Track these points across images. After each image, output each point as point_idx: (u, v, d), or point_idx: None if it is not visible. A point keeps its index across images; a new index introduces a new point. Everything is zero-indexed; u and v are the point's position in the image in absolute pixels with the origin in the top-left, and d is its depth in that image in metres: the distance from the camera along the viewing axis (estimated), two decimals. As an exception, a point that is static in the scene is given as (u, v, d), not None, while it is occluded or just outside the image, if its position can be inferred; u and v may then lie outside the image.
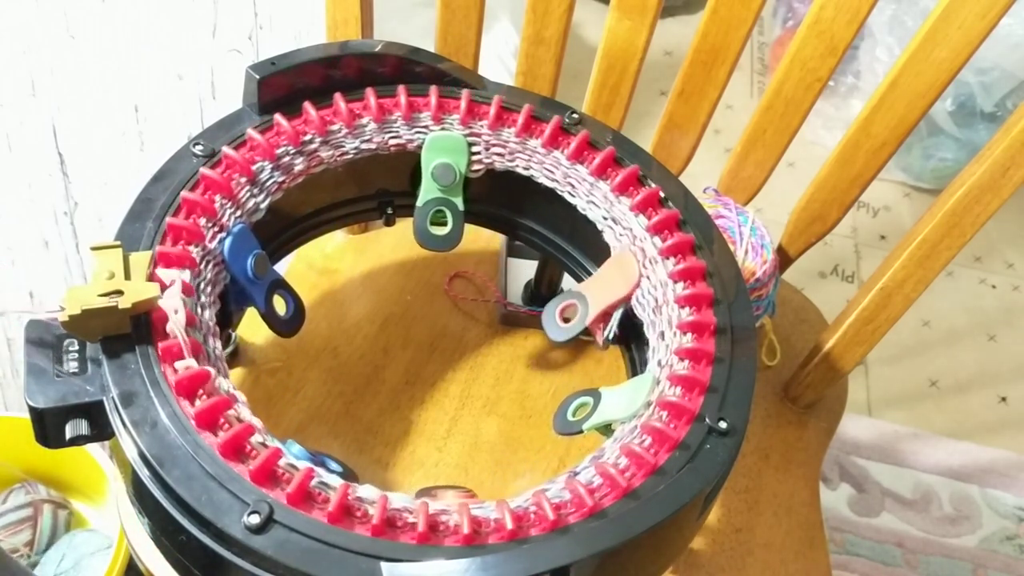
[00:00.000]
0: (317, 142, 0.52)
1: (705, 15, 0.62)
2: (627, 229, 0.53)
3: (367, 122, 0.53)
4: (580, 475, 0.42)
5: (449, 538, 0.38)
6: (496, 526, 0.39)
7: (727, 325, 0.48)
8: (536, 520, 0.39)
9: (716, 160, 0.83)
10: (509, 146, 0.55)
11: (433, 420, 0.62)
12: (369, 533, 0.38)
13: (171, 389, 0.41)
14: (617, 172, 0.54)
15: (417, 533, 0.38)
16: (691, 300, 0.49)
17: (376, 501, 0.39)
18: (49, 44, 0.88)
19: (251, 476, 0.38)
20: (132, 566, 0.83)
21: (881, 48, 1.37)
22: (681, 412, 0.44)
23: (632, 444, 0.43)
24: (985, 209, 0.56)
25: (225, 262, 0.47)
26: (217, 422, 0.40)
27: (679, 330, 0.48)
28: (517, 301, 0.68)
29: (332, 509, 0.38)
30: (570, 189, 0.55)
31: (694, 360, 0.46)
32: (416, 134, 0.54)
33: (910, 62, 0.56)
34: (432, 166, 0.55)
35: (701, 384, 0.45)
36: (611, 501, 0.40)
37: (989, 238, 1.42)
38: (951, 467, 1.14)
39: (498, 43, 1.24)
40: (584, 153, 0.54)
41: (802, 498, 0.63)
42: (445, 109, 0.55)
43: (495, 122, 0.55)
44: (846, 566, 1.04)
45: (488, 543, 0.38)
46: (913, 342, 1.28)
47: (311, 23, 0.90)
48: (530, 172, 0.55)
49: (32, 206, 0.96)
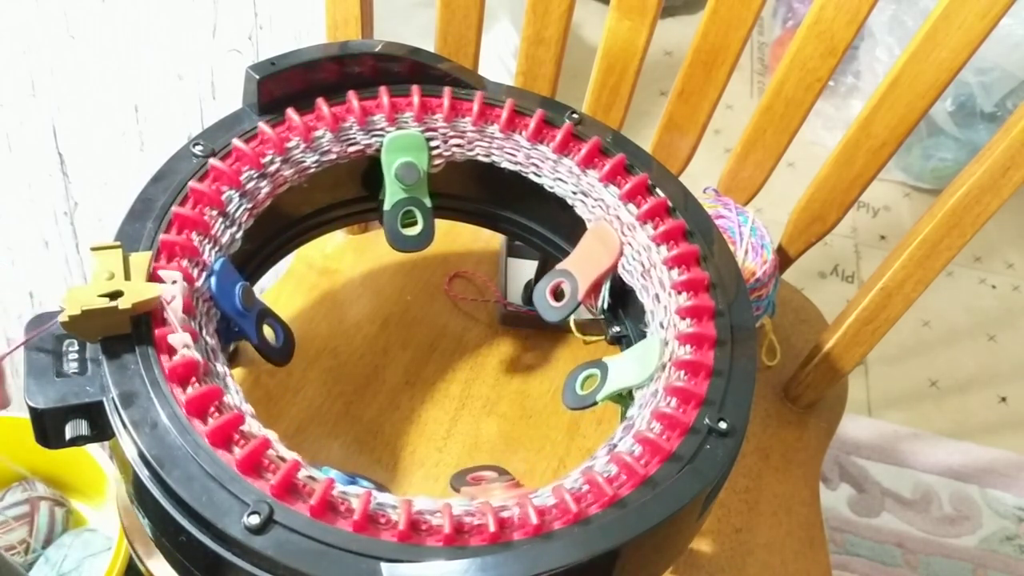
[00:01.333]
0: (278, 161, 0.51)
1: (705, 15, 0.62)
2: (598, 200, 0.53)
3: (322, 134, 0.53)
4: (596, 466, 0.42)
5: (474, 537, 0.38)
6: (519, 522, 0.39)
7: (727, 325, 0.48)
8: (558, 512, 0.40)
9: (716, 160, 0.83)
10: (467, 135, 0.55)
11: (433, 420, 0.62)
12: (396, 539, 0.38)
13: (172, 393, 0.41)
14: (580, 145, 0.54)
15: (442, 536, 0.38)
16: (688, 285, 0.49)
17: (399, 506, 0.39)
18: (49, 44, 0.88)
19: (272, 491, 0.38)
20: (132, 566, 0.83)
21: (881, 48, 1.37)
22: (689, 396, 0.44)
23: (645, 432, 0.43)
24: (985, 209, 0.56)
25: (214, 298, 0.46)
26: (231, 437, 0.40)
27: (678, 316, 0.48)
28: (517, 301, 0.68)
29: (357, 517, 0.38)
30: (535, 169, 0.55)
31: (696, 345, 0.47)
32: (373, 138, 0.54)
33: (910, 62, 0.56)
34: (394, 167, 0.54)
35: (707, 367, 0.45)
36: (627, 491, 0.41)
37: (989, 238, 1.42)
38: (951, 467, 1.14)
39: (498, 43, 1.24)
40: (543, 132, 0.55)
41: (802, 498, 0.63)
42: (398, 108, 0.54)
43: (450, 114, 0.54)
44: (846, 566, 1.04)
45: (489, 543, 0.38)
46: (913, 342, 1.28)
47: (311, 23, 0.90)
48: (492, 158, 0.55)
49: (32, 206, 0.96)
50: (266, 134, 0.51)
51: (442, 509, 0.39)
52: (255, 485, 0.38)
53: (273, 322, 0.51)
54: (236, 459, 0.39)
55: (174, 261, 0.46)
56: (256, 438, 0.40)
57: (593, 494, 0.41)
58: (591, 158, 0.54)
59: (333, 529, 0.37)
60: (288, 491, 0.39)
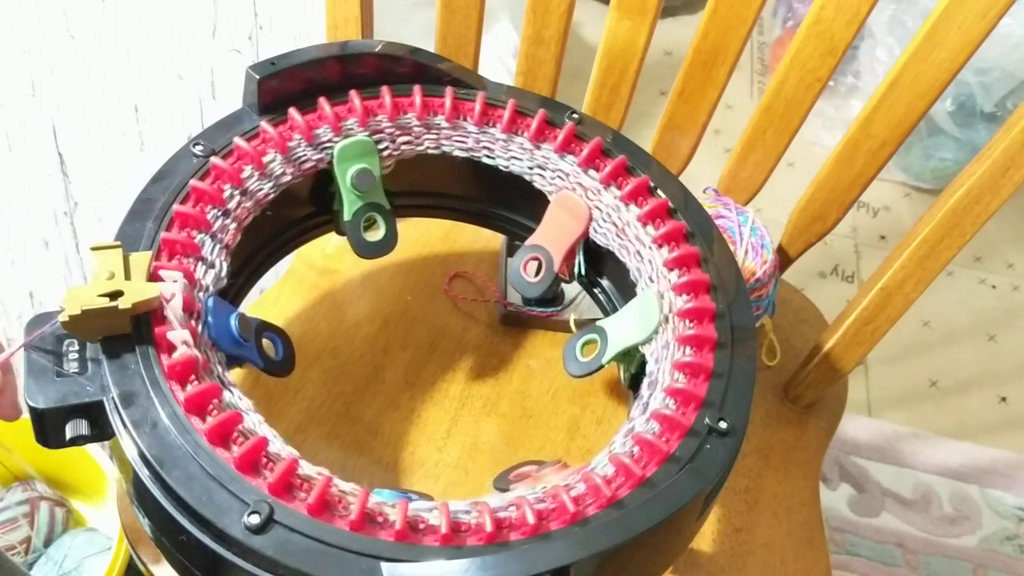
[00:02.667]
0: (237, 196, 0.50)
1: (705, 15, 0.62)
2: (555, 171, 0.54)
3: (272, 157, 0.51)
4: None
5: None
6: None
7: (727, 325, 0.48)
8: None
9: (716, 160, 0.83)
10: (414, 131, 0.55)
11: (433, 420, 0.62)
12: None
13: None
14: (528, 121, 0.55)
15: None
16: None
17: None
18: (49, 44, 0.88)
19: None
20: (132, 566, 0.83)
21: (881, 48, 1.37)
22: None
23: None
24: (985, 209, 0.56)
25: (213, 340, 0.45)
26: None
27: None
28: (517, 301, 0.68)
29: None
30: (487, 152, 0.55)
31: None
32: (323, 152, 0.53)
33: (910, 62, 0.56)
34: (349, 176, 0.54)
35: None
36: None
37: (989, 238, 1.42)
38: (951, 467, 1.14)
39: (498, 43, 1.24)
40: (489, 114, 0.55)
41: (802, 498, 0.63)
42: (341, 117, 0.53)
43: (393, 112, 0.54)
44: (846, 566, 1.04)
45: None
46: (913, 342, 1.28)
47: (311, 23, 0.90)
48: (442, 149, 0.55)
49: (32, 206, 0.96)
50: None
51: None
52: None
53: (271, 335, 0.50)
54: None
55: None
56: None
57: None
58: (541, 132, 0.54)
59: (333, 529, 0.37)
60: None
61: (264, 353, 0.48)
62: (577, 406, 0.64)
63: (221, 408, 0.41)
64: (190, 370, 0.41)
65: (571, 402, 0.64)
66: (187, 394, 0.40)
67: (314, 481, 0.39)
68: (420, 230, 0.74)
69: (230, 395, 0.42)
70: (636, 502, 0.40)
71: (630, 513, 0.39)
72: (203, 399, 0.41)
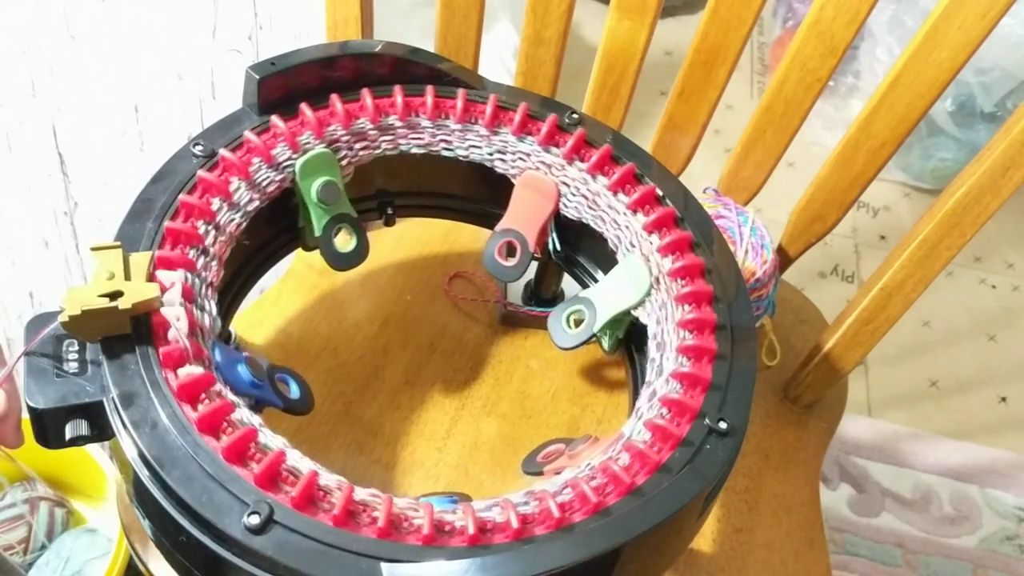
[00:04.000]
0: (212, 230, 0.49)
1: (705, 15, 0.62)
2: (516, 153, 0.54)
3: (237, 185, 0.50)
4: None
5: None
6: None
7: (727, 325, 0.48)
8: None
9: (716, 160, 0.83)
10: (369, 135, 0.54)
11: (433, 420, 0.62)
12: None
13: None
14: (480, 108, 0.55)
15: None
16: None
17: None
18: (49, 44, 0.88)
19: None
20: (132, 566, 0.83)
21: (881, 48, 1.37)
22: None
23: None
24: (985, 209, 0.56)
25: (232, 387, 0.44)
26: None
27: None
28: (517, 301, 0.68)
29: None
30: (444, 145, 0.55)
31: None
32: (285, 170, 0.52)
33: (910, 62, 0.56)
34: (315, 191, 0.53)
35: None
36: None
37: (989, 238, 1.42)
38: (951, 467, 1.14)
39: (498, 43, 1.24)
40: (443, 105, 0.55)
41: (802, 498, 0.63)
42: (298, 132, 0.52)
43: (347, 119, 0.53)
44: (846, 566, 1.04)
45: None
46: (913, 342, 1.28)
47: (311, 23, 0.90)
48: (399, 148, 0.55)
49: (32, 206, 0.96)
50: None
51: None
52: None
53: (283, 375, 0.49)
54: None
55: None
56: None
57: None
58: (496, 117, 0.55)
59: (334, 530, 0.37)
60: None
61: (281, 393, 0.48)
62: (577, 406, 0.64)
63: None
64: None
65: (571, 402, 0.64)
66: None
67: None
68: (420, 230, 0.74)
69: (238, 415, 0.42)
70: (635, 503, 0.40)
71: (629, 514, 0.39)
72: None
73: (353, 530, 0.38)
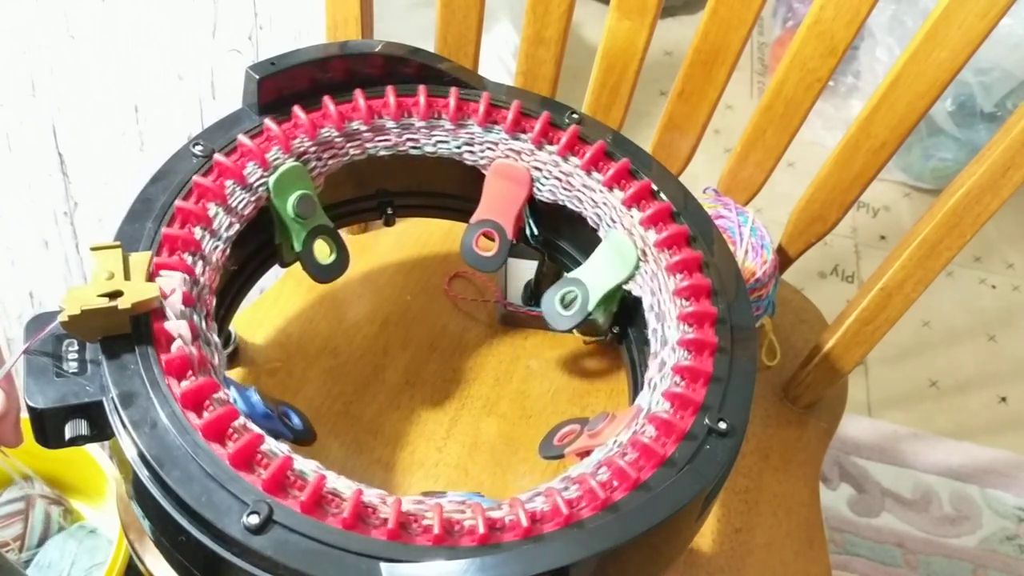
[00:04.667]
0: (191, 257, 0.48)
1: (705, 15, 0.62)
2: (483, 143, 0.54)
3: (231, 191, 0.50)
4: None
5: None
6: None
7: (727, 324, 0.48)
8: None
9: (716, 160, 0.83)
10: (336, 142, 0.54)
11: (433, 420, 0.62)
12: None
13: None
14: (444, 101, 0.55)
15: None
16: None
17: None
18: (49, 44, 0.88)
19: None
20: (132, 566, 0.83)
21: (881, 48, 1.37)
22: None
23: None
24: (985, 209, 0.56)
25: (253, 419, 0.43)
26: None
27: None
28: (517, 301, 0.68)
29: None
30: (412, 144, 0.55)
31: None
32: (259, 189, 0.51)
33: (910, 62, 0.56)
34: (291, 205, 0.51)
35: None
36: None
37: (989, 238, 1.42)
38: (951, 467, 1.14)
39: (498, 43, 1.24)
40: (406, 107, 0.55)
41: (802, 498, 0.63)
42: (266, 149, 0.51)
43: (312, 129, 0.52)
44: (846, 566, 1.04)
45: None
46: (913, 342, 1.28)
47: (311, 23, 0.90)
48: (366, 153, 0.55)
49: (32, 206, 0.96)
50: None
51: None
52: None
53: (285, 409, 0.49)
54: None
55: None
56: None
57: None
58: (461, 110, 0.55)
59: (333, 530, 0.37)
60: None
61: (291, 426, 0.48)
62: (577, 406, 0.64)
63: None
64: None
65: (571, 402, 0.64)
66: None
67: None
68: (420, 230, 0.74)
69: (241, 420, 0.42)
70: (635, 503, 0.40)
71: (629, 514, 0.39)
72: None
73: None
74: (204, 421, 0.39)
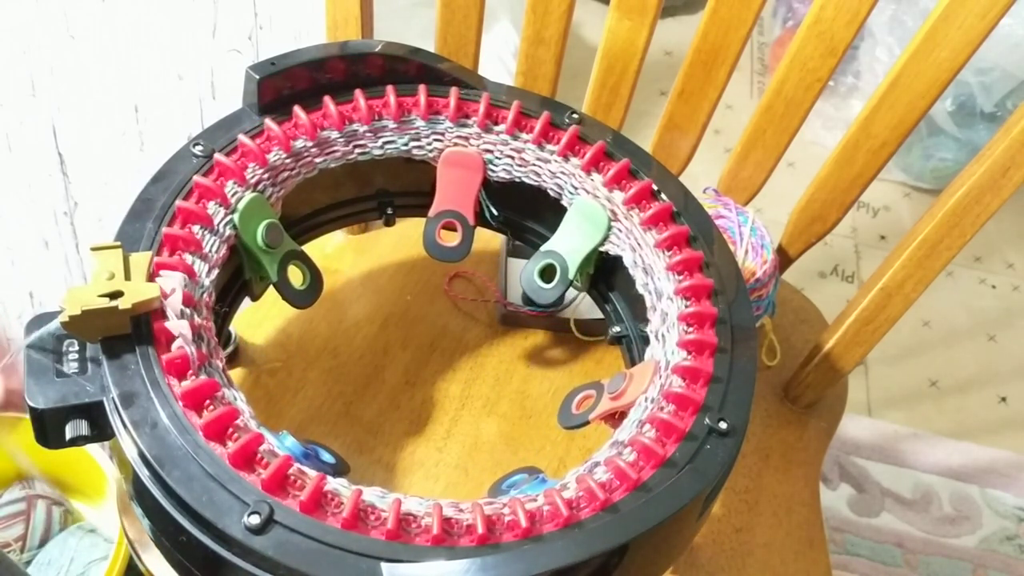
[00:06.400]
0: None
1: (705, 15, 0.62)
2: (430, 136, 0.55)
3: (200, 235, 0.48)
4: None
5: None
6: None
7: (727, 324, 0.48)
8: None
9: (716, 160, 0.82)
10: (286, 164, 0.52)
11: (433, 420, 0.62)
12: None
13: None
14: (414, 100, 0.55)
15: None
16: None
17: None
18: (49, 44, 0.88)
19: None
20: (132, 566, 0.83)
21: (881, 48, 1.37)
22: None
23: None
24: (985, 209, 0.56)
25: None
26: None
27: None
28: (517, 301, 0.68)
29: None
30: (360, 151, 0.55)
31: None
32: (227, 228, 0.49)
33: (910, 62, 0.56)
34: (259, 236, 0.50)
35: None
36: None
37: (989, 238, 1.42)
38: (951, 467, 1.14)
39: (498, 43, 1.24)
40: (375, 111, 0.54)
41: (802, 498, 0.63)
42: (222, 184, 0.49)
43: (261, 156, 0.51)
44: (846, 566, 1.04)
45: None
46: (913, 342, 1.28)
47: (311, 23, 0.90)
48: (316, 168, 0.54)
49: (32, 206, 0.96)
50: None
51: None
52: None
53: (315, 448, 0.48)
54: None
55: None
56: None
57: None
58: (433, 106, 0.55)
59: (334, 530, 0.37)
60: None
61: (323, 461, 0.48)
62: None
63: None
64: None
65: (571, 402, 0.64)
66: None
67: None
68: (420, 230, 0.73)
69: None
70: (635, 503, 0.40)
71: (629, 514, 0.39)
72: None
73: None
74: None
